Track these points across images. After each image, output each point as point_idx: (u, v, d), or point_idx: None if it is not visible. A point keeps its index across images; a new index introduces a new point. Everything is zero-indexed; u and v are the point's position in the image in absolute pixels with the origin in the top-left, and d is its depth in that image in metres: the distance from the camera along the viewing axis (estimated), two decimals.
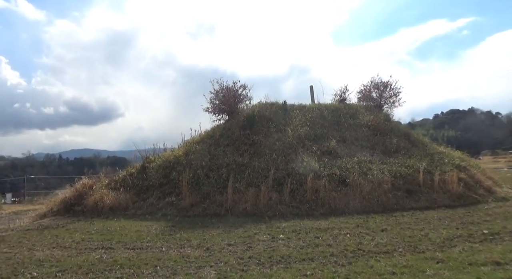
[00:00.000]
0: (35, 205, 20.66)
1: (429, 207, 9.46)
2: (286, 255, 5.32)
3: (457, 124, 71.83)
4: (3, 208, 20.25)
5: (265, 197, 9.67)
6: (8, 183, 40.53)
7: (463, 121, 72.81)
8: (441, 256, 4.90)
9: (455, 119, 76.22)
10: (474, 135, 60.98)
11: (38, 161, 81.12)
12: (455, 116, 78.58)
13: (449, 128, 68.15)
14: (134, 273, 4.78)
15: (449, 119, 77.31)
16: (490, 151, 52.71)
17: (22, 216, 12.94)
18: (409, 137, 13.49)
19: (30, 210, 16.46)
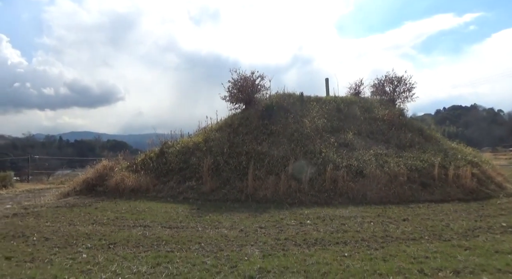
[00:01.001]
0: (46, 184, 21.14)
1: (443, 200, 9.77)
2: (319, 238, 5.64)
3: (459, 120, 72.00)
4: (16, 186, 20.63)
5: (284, 185, 9.98)
6: (8, 162, 40.84)
7: (465, 117, 72.90)
8: (468, 244, 5.22)
9: (457, 115, 76.29)
10: (475, 132, 61.10)
11: (38, 142, 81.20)
12: (457, 112, 78.61)
13: (450, 124, 68.18)
14: (181, 248, 5.11)
15: (451, 115, 77.37)
16: (491, 148, 52.92)
17: (39, 194, 13.35)
18: (423, 133, 13.73)
19: (42, 189, 16.89)
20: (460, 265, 4.22)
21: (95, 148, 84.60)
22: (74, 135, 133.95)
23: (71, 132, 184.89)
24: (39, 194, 13.27)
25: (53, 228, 6.49)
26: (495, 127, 64.18)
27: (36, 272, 4.06)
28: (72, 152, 70.44)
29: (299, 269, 4.14)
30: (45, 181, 24.44)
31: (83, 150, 74.06)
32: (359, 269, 4.13)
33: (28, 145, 70.88)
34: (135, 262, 4.44)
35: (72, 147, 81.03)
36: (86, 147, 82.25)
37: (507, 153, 41.45)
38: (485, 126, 64.19)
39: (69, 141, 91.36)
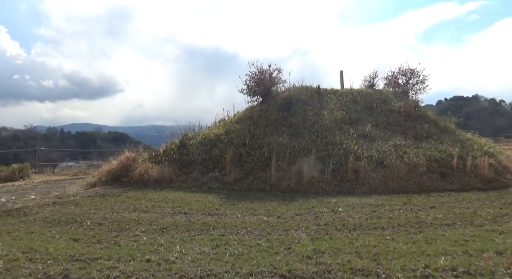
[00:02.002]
0: (60, 176, 21.49)
1: (462, 189, 10.04)
2: (357, 224, 5.95)
3: (460, 111, 72.03)
4: (32, 177, 21.01)
5: (307, 175, 10.28)
6: (11, 154, 41.20)
7: (467, 108, 72.89)
8: (501, 229, 5.52)
9: (459, 106, 76.15)
10: (477, 122, 61.20)
11: (40, 134, 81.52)
12: (459, 103, 78.43)
13: (452, 115, 68.26)
14: (230, 232, 5.43)
15: (453, 106, 77.22)
16: (492, 138, 53.12)
17: (57, 185, 13.71)
18: (438, 124, 13.96)
19: (58, 180, 17.21)
20: (500, 247, 4.52)
21: (96, 139, 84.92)
22: (75, 126, 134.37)
23: (72, 124, 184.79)
24: (58, 185, 13.63)
25: (99, 214, 6.82)
26: (497, 117, 64.35)
27: (110, 252, 4.39)
28: (74, 144, 70.77)
29: (350, 251, 4.44)
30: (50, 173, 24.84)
31: (84, 142, 74.43)
32: (406, 250, 4.43)
33: (30, 137, 71.21)
34: (195, 244, 4.76)
35: (74, 139, 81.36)
36: (88, 139, 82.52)
37: (509, 143, 41.74)
38: (486, 116, 64.32)
39: (70, 133, 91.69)
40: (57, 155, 38.39)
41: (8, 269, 3.79)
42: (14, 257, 4.18)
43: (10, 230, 5.60)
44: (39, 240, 5.02)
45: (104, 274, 3.66)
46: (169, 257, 4.18)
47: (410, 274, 3.62)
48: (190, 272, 3.70)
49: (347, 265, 3.89)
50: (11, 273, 3.70)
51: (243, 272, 3.70)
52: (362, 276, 3.59)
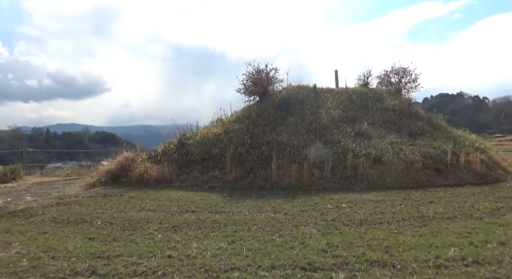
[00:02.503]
0: (52, 177, 21.22)
1: (457, 184, 10.38)
2: (363, 219, 6.15)
3: (446, 108, 73.60)
4: (24, 178, 20.73)
5: (307, 173, 10.48)
6: None
7: (452, 105, 74.54)
8: (500, 221, 5.79)
9: (444, 103, 77.77)
10: (462, 119, 62.70)
11: (25, 135, 79.99)
12: (444, 100, 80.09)
13: (438, 112, 69.75)
14: (242, 229, 5.56)
15: (438, 103, 78.82)
16: (477, 135, 54.35)
17: (51, 186, 13.59)
18: (431, 121, 14.35)
19: (51, 181, 17.02)
20: (502, 238, 4.76)
21: (83, 140, 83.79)
22: (61, 127, 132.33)
23: (58, 124, 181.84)
24: (52, 186, 13.53)
25: (107, 214, 6.86)
26: (481, 114, 66.05)
27: (129, 249, 4.47)
28: (60, 144, 69.80)
29: (362, 244, 4.63)
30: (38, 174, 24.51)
31: (71, 143, 73.45)
32: (415, 243, 4.64)
33: (15, 138, 69.82)
34: (210, 240, 4.88)
35: (60, 140, 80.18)
36: (75, 139, 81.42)
37: (493, 139, 42.89)
38: (470, 113, 65.92)
39: (56, 134, 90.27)
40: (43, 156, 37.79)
41: (34, 267, 3.85)
42: (35, 256, 4.24)
43: (22, 231, 5.62)
44: (54, 239, 5.07)
45: (131, 270, 3.75)
46: (189, 253, 4.29)
47: (423, 264, 3.82)
48: (214, 266, 3.83)
49: (362, 257, 4.06)
50: (38, 270, 3.76)
51: (265, 265, 3.84)
52: (378, 267, 3.77)
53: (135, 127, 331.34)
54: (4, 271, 3.73)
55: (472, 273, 3.56)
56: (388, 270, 3.69)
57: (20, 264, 3.94)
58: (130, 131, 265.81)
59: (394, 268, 3.73)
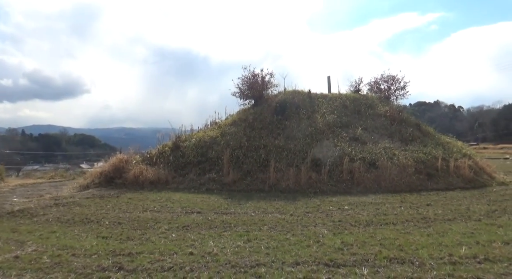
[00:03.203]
0: (35, 179, 20.66)
1: (447, 188, 10.76)
2: (368, 220, 6.32)
3: (423, 116, 76.04)
4: (7, 181, 20.10)
5: (305, 176, 10.64)
6: None
7: (429, 113, 77.03)
8: (497, 222, 6.07)
9: (422, 111, 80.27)
10: (438, 127, 65.00)
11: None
12: (422, 108, 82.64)
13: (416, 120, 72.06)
14: (254, 228, 5.63)
15: (416, 111, 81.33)
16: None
17: (37, 188, 13.27)
18: (420, 128, 14.83)
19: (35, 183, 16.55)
20: (505, 238, 5.01)
21: (61, 142, 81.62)
22: (37, 128, 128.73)
23: (34, 126, 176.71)
24: (37, 188, 13.26)
25: (112, 214, 6.80)
26: (456, 122, 68.55)
27: (148, 247, 4.48)
28: (36, 146, 67.93)
29: (375, 243, 4.78)
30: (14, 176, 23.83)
31: (48, 145, 71.55)
32: (425, 242, 4.83)
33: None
34: (226, 239, 4.93)
35: (36, 142, 77.94)
36: (52, 141, 79.29)
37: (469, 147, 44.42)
38: (447, 121, 68.33)
39: (32, 135, 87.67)
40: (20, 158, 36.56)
41: (58, 264, 3.81)
42: (54, 253, 4.18)
43: (30, 230, 5.51)
44: (66, 238, 5.00)
45: (157, 265, 3.77)
46: (209, 251, 4.34)
47: (439, 261, 4.00)
48: (240, 262, 3.89)
49: (380, 255, 4.21)
50: (63, 267, 3.73)
51: (289, 262, 3.93)
52: (398, 264, 3.92)
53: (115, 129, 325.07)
54: (28, 267, 3.68)
55: (487, 270, 3.76)
56: (408, 266, 3.84)
57: (41, 261, 3.90)
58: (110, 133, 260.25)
59: (413, 265, 3.89)
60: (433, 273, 3.65)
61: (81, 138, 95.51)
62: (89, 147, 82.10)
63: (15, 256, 4.05)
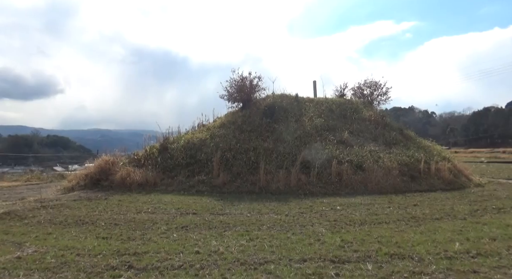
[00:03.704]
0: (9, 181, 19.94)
1: (429, 190, 11.19)
2: (362, 220, 6.53)
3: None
4: None
5: (295, 178, 10.82)
6: None
7: (404, 118, 79.83)
8: (482, 221, 6.41)
9: (397, 116, 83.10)
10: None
11: None
12: (397, 113, 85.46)
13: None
14: (253, 228, 5.71)
15: (392, 116, 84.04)
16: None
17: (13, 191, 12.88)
18: (402, 132, 15.36)
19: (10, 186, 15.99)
20: (491, 235, 5.31)
21: (32, 143, 78.66)
22: (6, 129, 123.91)
23: (2, 126, 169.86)
24: (14, 191, 12.94)
25: (105, 216, 6.71)
26: (429, 127, 71.32)
27: (152, 247, 4.49)
28: (5, 147, 65.35)
29: (373, 241, 4.97)
30: None
31: (18, 146, 68.92)
32: (419, 239, 5.05)
33: None
34: (229, 239, 4.99)
35: (5, 143, 74.92)
36: (23, 142, 76.31)
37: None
38: (420, 126, 71.04)
39: (1, 136, 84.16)
40: None
41: (64, 263, 3.76)
42: (57, 254, 4.12)
43: (24, 232, 5.38)
44: (64, 239, 4.92)
45: (167, 264, 3.79)
46: (215, 249, 4.39)
47: (436, 256, 4.21)
48: (248, 259, 3.96)
49: (380, 251, 4.39)
50: (71, 266, 3.69)
51: (296, 259, 4.04)
52: (398, 259, 4.11)
53: (90, 131, 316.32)
54: (34, 268, 3.62)
55: (480, 263, 3.99)
56: (408, 261, 4.03)
57: (46, 261, 3.84)
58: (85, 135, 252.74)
59: (412, 260, 4.08)
60: (432, 267, 3.85)
61: (54, 139, 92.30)
62: (62, 149, 79.56)
63: (17, 257, 3.96)
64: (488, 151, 49.55)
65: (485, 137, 76.30)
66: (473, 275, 3.61)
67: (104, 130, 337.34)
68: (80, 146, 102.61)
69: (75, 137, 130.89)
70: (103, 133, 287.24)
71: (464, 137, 72.76)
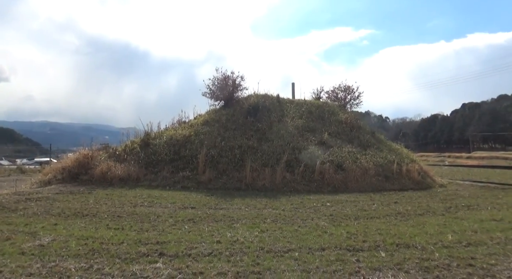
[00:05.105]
0: None
1: (402, 189, 11.97)
2: (355, 215, 6.96)
3: None
4: None
5: (280, 176, 11.16)
6: None
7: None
8: (460, 216, 7.09)
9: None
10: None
11: None
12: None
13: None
14: (259, 221, 5.94)
15: None
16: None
17: None
18: (374, 135, 16.25)
19: None
20: (472, 228, 5.92)
21: None
22: None
23: None
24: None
25: (103, 209, 6.65)
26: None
27: (171, 237, 4.56)
28: None
29: (374, 232, 5.39)
30: None
31: None
32: (413, 232, 5.54)
33: None
34: (241, 230, 5.18)
35: None
36: None
37: None
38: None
39: None
40: None
41: (94, 251, 3.79)
42: (79, 242, 4.09)
43: (26, 223, 5.21)
44: (75, 229, 4.87)
45: (197, 251, 3.92)
46: (234, 239, 4.56)
47: (436, 246, 4.68)
48: (273, 248, 4.19)
49: (386, 241, 4.80)
50: (101, 253, 3.72)
51: (315, 247, 4.33)
52: (405, 248, 4.53)
53: (38, 123, 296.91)
54: (65, 254, 3.61)
55: (474, 250, 4.52)
56: (414, 249, 4.47)
57: (73, 248, 3.83)
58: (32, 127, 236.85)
59: (417, 249, 4.52)
60: (436, 254, 4.30)
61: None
62: (7, 142, 74.53)
63: (39, 245, 3.89)
64: (435, 156, 53.36)
65: (432, 142, 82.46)
66: (472, 261, 4.09)
67: (54, 123, 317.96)
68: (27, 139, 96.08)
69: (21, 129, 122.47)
70: (53, 126, 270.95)
71: (414, 142, 77.61)
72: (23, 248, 3.82)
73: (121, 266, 3.42)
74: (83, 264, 3.42)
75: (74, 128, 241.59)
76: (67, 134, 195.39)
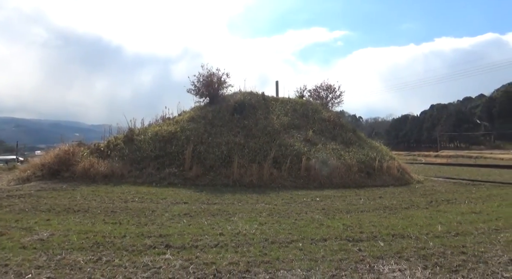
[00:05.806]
0: None
1: (383, 185, 12.39)
2: (345, 209, 7.16)
3: None
4: None
5: (267, 172, 11.26)
6: None
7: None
8: (442, 209, 7.45)
9: None
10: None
11: None
12: None
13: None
14: (256, 215, 6.01)
15: None
16: None
17: None
18: (355, 133, 16.68)
19: None
20: (457, 220, 6.26)
21: None
22: None
23: None
24: None
25: (94, 205, 6.51)
26: None
27: (172, 230, 4.57)
28: None
29: (369, 224, 5.58)
30: None
31: None
32: (404, 223, 5.78)
33: None
34: (240, 223, 5.23)
35: None
36: None
37: None
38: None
39: None
40: None
41: (99, 244, 3.73)
42: (80, 237, 4.00)
43: (17, 219, 5.02)
44: (71, 224, 4.76)
45: (203, 243, 3.94)
46: (237, 232, 4.60)
47: (428, 236, 4.92)
48: (276, 239, 4.26)
49: (382, 232, 4.99)
50: (108, 246, 3.66)
51: (317, 238, 4.44)
52: (400, 238, 4.73)
53: (2, 119, 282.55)
54: (69, 247, 3.54)
55: (463, 240, 4.79)
56: (409, 239, 4.68)
57: (76, 242, 3.75)
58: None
59: (411, 239, 4.73)
60: (430, 243, 4.52)
61: None
62: None
63: (39, 239, 3.78)
64: (406, 154, 55.39)
65: (403, 141, 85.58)
66: (464, 249, 4.34)
67: (19, 119, 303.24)
68: None
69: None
70: (19, 123, 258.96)
71: (386, 141, 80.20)
72: (23, 243, 3.70)
73: (130, 258, 3.39)
74: (90, 256, 3.36)
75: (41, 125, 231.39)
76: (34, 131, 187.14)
